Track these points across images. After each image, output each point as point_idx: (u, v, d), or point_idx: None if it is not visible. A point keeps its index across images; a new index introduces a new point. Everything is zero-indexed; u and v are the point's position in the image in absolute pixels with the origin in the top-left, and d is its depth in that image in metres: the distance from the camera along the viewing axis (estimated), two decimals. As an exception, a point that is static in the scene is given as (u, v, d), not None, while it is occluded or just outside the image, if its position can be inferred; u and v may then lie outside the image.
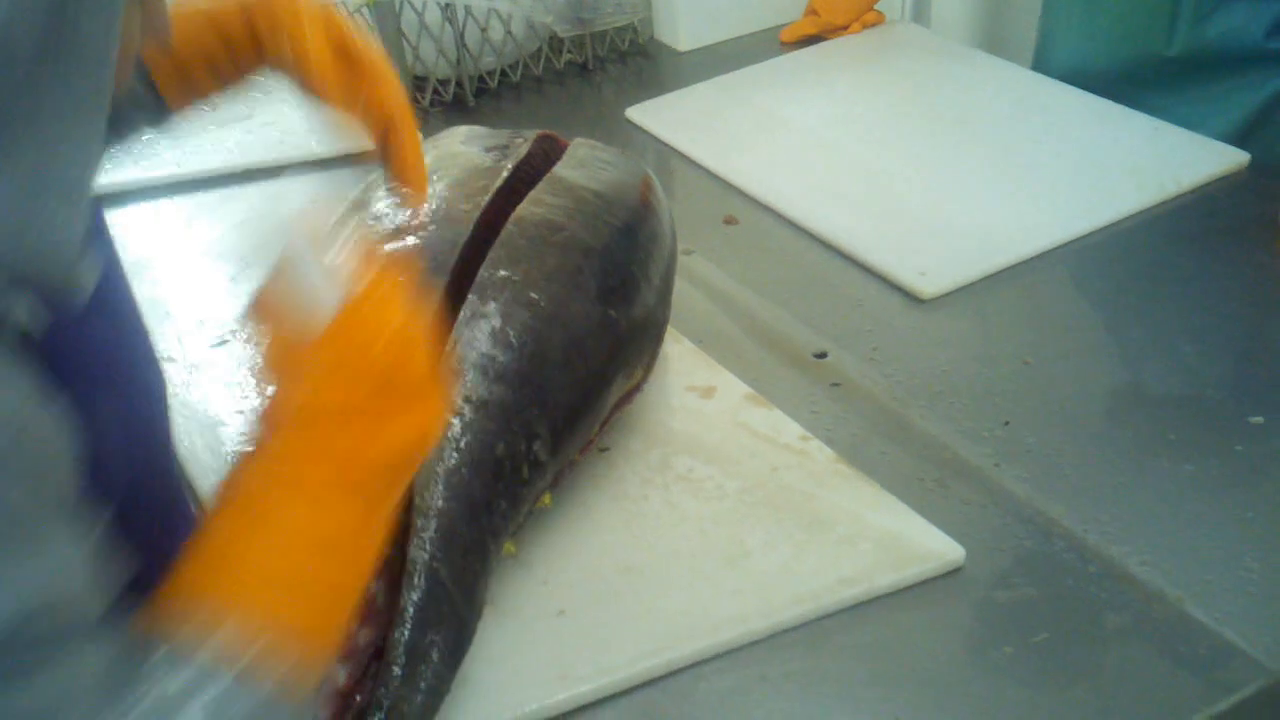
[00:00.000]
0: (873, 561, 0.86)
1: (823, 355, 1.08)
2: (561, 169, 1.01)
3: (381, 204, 0.94)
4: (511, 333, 0.86)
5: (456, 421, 0.81)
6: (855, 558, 0.86)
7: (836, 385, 1.05)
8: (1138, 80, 1.38)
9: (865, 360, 1.07)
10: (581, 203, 0.96)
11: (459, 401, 0.82)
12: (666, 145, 1.44)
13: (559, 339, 0.87)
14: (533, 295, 0.88)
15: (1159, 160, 1.27)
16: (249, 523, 0.56)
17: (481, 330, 0.85)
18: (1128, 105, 1.37)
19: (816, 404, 1.03)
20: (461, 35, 1.56)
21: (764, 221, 1.29)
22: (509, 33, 1.60)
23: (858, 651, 0.81)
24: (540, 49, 1.64)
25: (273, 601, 0.54)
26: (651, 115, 1.50)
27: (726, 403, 1.01)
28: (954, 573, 0.86)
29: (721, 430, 0.98)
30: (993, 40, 1.74)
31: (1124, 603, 0.83)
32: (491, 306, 0.86)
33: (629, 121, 1.50)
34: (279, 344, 0.60)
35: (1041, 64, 1.52)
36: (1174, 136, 1.31)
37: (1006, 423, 0.99)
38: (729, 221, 1.29)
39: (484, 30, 1.57)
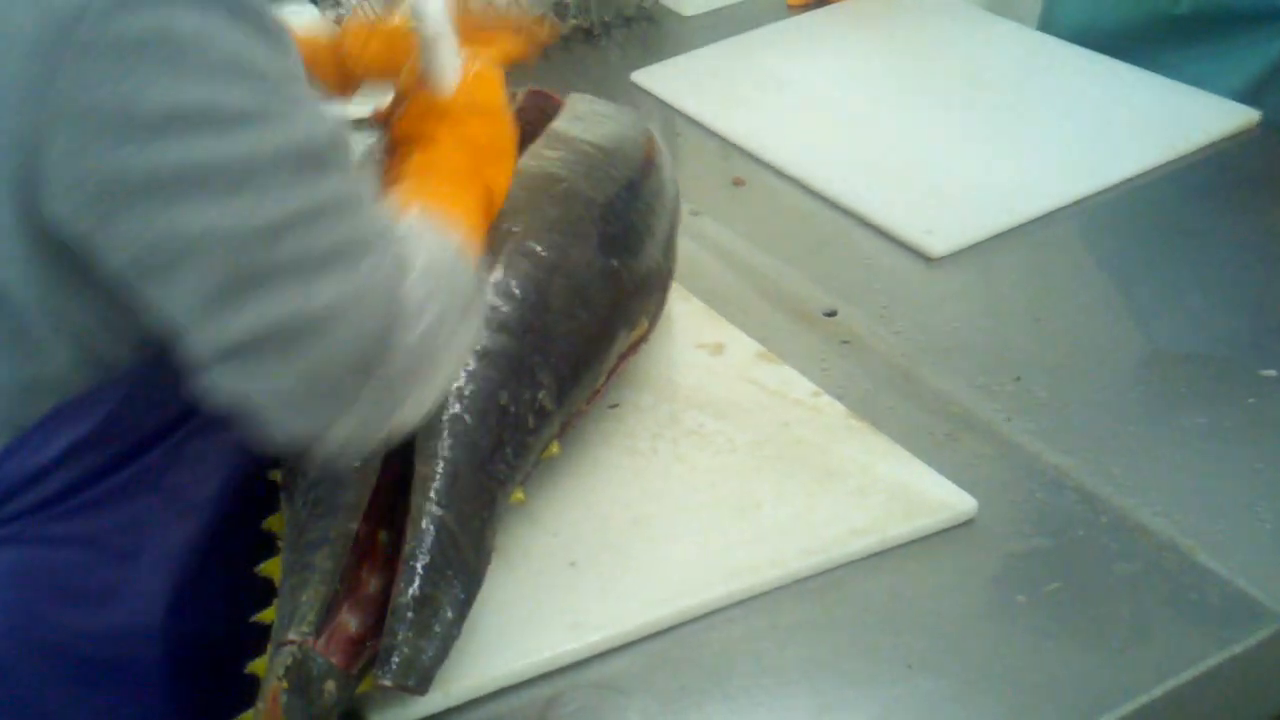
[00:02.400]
0: (884, 513, 0.86)
1: (832, 313, 1.08)
2: (559, 123, 1.01)
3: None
4: (513, 282, 0.85)
5: (460, 372, 0.81)
6: (867, 509, 0.86)
7: (846, 343, 1.05)
8: (1146, 39, 1.37)
9: (875, 318, 1.07)
10: (581, 155, 0.96)
11: None
12: (673, 108, 1.43)
13: (560, 287, 0.87)
14: (533, 245, 0.88)
15: (1168, 118, 1.27)
16: (426, 178, 0.81)
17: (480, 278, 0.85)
18: (1136, 64, 1.36)
19: (827, 361, 1.02)
20: (466, 1, 1.55)
21: (772, 182, 1.28)
22: (514, -2, 1.59)
23: (869, 601, 0.81)
24: (546, 14, 1.63)
25: (459, 210, 0.79)
26: (657, 79, 1.49)
27: (736, 359, 1.01)
28: (966, 524, 0.86)
29: (731, 386, 0.98)
30: (1000, 1, 1.72)
31: (1135, 552, 0.83)
32: (492, 258, 0.86)
33: (635, 85, 1.49)
34: (420, 102, 0.85)
35: (1048, 24, 1.51)
36: (1183, 94, 1.31)
37: (1017, 378, 0.99)
38: (737, 183, 1.29)
39: (489, -5, 1.56)
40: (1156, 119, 1.27)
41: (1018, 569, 0.83)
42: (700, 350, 1.02)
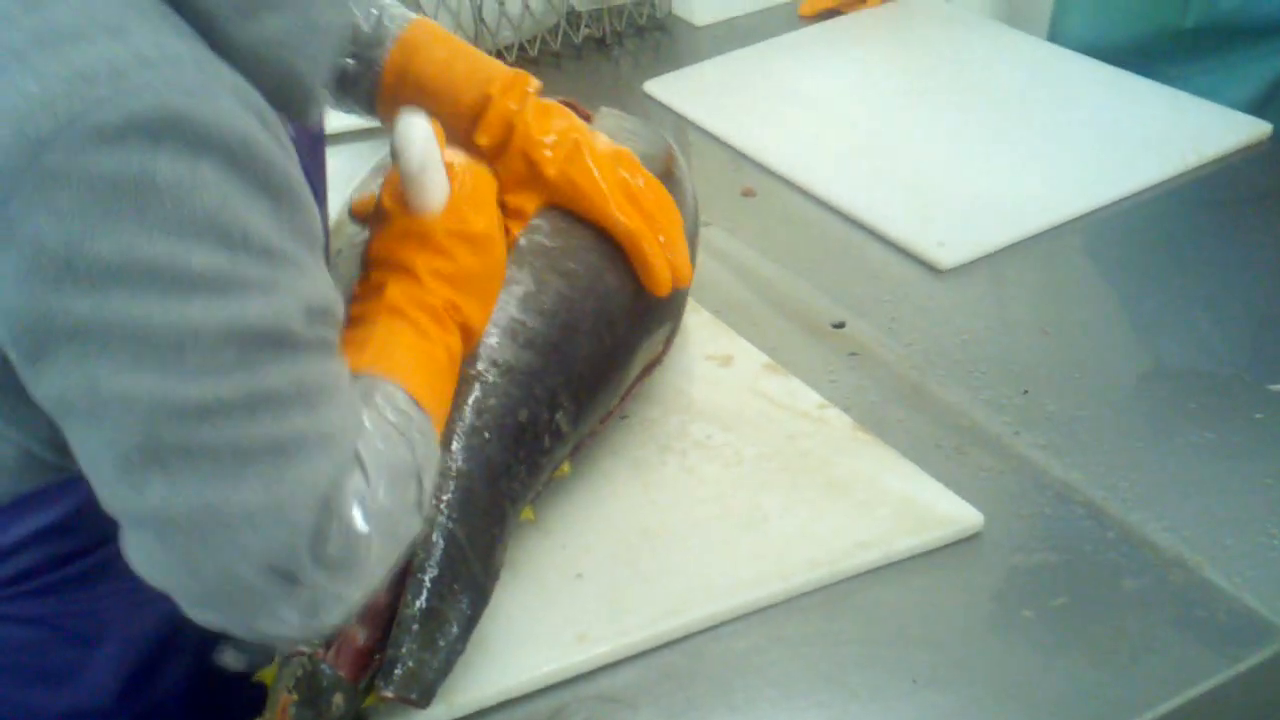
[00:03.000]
0: (891, 526, 0.86)
1: (841, 325, 1.08)
2: None
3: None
4: (546, 299, 0.85)
5: (479, 385, 0.81)
6: (873, 522, 0.86)
7: (854, 355, 1.05)
8: (1154, 52, 1.38)
9: (883, 330, 1.07)
10: None
11: (485, 364, 0.82)
12: (684, 118, 1.44)
13: (591, 310, 0.87)
14: (570, 265, 0.87)
15: (1178, 131, 1.27)
16: (391, 335, 0.75)
17: (513, 294, 0.85)
18: (1146, 76, 1.36)
19: (835, 373, 1.02)
20: (479, 10, 1.56)
21: (781, 193, 1.28)
22: (527, 7, 1.60)
23: (875, 614, 0.81)
24: (558, 24, 1.64)
25: (422, 386, 0.74)
26: (669, 89, 1.49)
27: (744, 371, 1.01)
28: (973, 538, 0.86)
29: (739, 398, 0.98)
30: (1010, 13, 1.73)
31: (1142, 568, 0.83)
32: (526, 272, 0.86)
33: (647, 95, 1.50)
34: (399, 225, 0.78)
35: (1058, 35, 1.51)
36: (1193, 107, 1.31)
37: (1025, 391, 0.99)
38: (746, 193, 1.29)
39: (502, 4, 1.57)
40: (1167, 131, 1.27)
41: (1024, 583, 0.83)
42: (709, 362, 1.02)
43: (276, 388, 0.60)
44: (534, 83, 0.91)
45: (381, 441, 0.67)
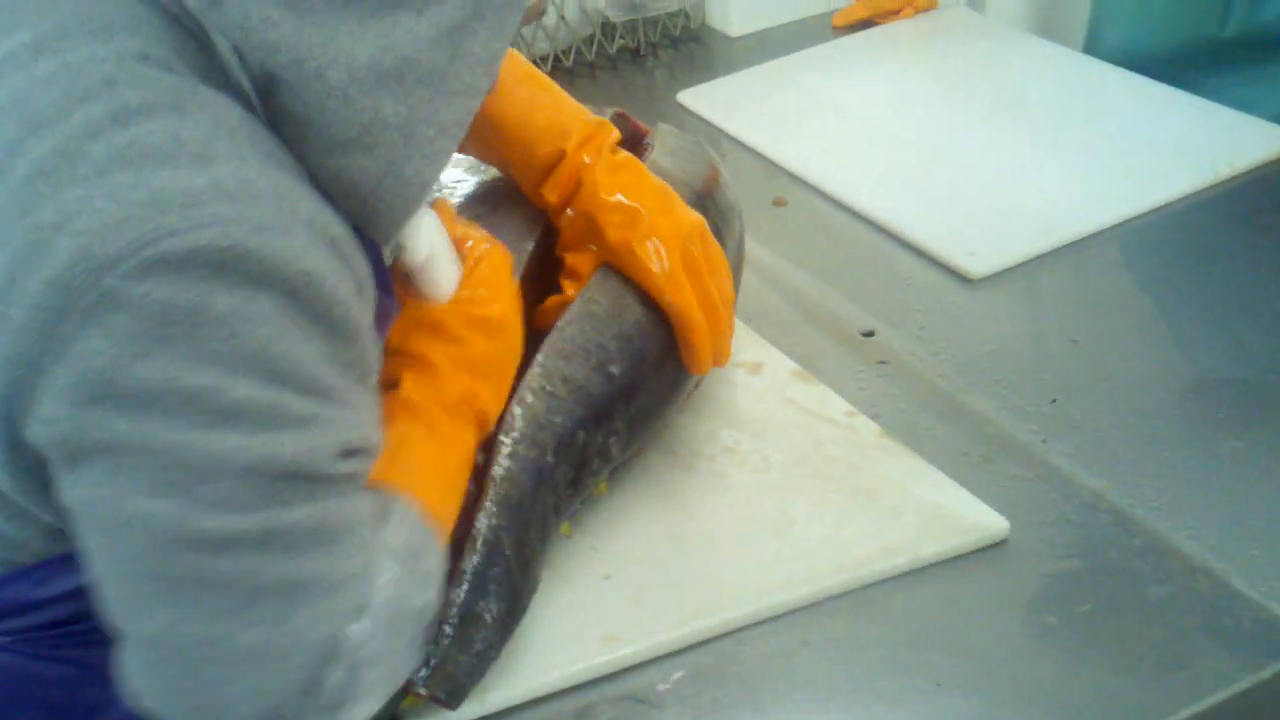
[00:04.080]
0: (917, 532, 0.86)
1: (870, 334, 1.09)
2: (660, 157, 1.00)
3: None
4: (627, 325, 0.87)
5: (547, 399, 0.82)
6: (899, 528, 0.87)
7: (884, 363, 1.05)
8: (1191, 62, 1.37)
9: (913, 339, 1.08)
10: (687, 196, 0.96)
11: (556, 380, 0.83)
12: (717, 129, 1.45)
13: (662, 340, 0.89)
14: (645, 295, 0.88)
15: (1212, 142, 1.27)
16: (408, 441, 0.74)
17: (595, 316, 0.86)
18: (1180, 87, 1.36)
19: (863, 381, 1.03)
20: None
21: (813, 203, 1.29)
22: (562, 19, 1.62)
23: (900, 619, 0.82)
24: (593, 34, 1.66)
25: (435, 499, 0.73)
26: (703, 99, 1.51)
27: (774, 379, 1.02)
28: (999, 545, 0.86)
29: (768, 405, 0.99)
30: (1045, 24, 1.73)
31: (1168, 575, 0.84)
32: (607, 300, 0.87)
33: (680, 106, 1.51)
34: (411, 313, 0.77)
35: (1093, 46, 1.51)
36: (1227, 118, 1.30)
37: (1054, 400, 0.99)
38: (778, 203, 1.30)
39: (538, 16, 1.58)
40: (1200, 142, 1.27)
41: (1050, 590, 0.84)
42: (739, 369, 1.03)
43: (296, 526, 0.60)
44: (613, 135, 0.91)
45: (392, 583, 0.67)
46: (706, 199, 0.98)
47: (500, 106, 0.88)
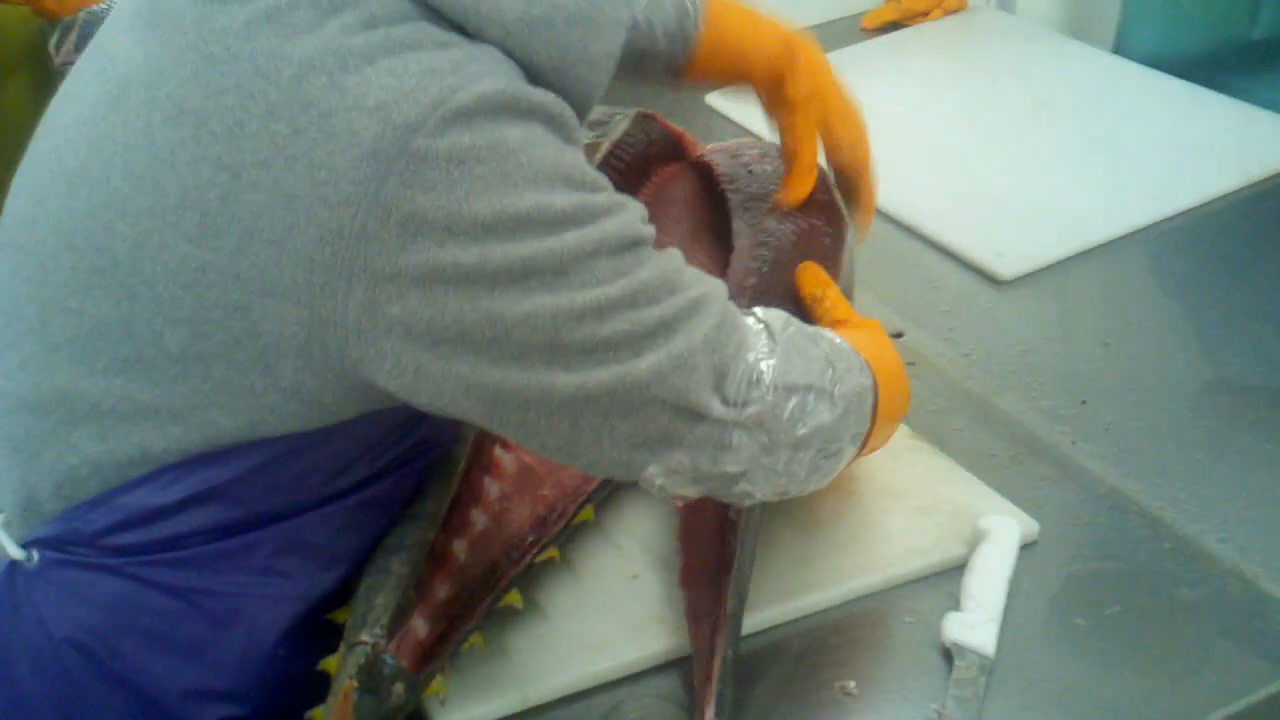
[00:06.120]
0: (944, 533, 0.86)
1: (899, 335, 1.09)
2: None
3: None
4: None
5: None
6: (927, 529, 0.87)
7: (913, 364, 1.05)
8: (1221, 64, 1.37)
9: (942, 340, 1.08)
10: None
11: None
12: (746, 130, 1.44)
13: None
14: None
15: (1242, 143, 1.26)
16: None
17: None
18: (1211, 88, 1.35)
19: (892, 381, 1.03)
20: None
21: (842, 204, 1.29)
22: (592, 20, 1.62)
23: (928, 619, 0.82)
24: (623, 36, 1.66)
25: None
26: (733, 101, 1.50)
27: (802, 379, 1.02)
28: (1028, 546, 0.86)
29: (796, 405, 0.99)
30: (1075, 25, 1.72)
31: (1198, 578, 0.83)
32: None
33: (710, 108, 1.51)
34: None
35: (1123, 48, 1.50)
36: (1259, 119, 1.30)
37: (1084, 402, 0.99)
38: (807, 204, 1.30)
39: (567, 17, 1.59)
40: (1231, 144, 1.27)
41: (1078, 592, 0.84)
42: (767, 369, 1.03)
43: (647, 280, 0.69)
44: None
45: (796, 330, 0.77)
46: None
47: (727, 37, 1.00)
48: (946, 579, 0.84)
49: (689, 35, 0.98)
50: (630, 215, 0.70)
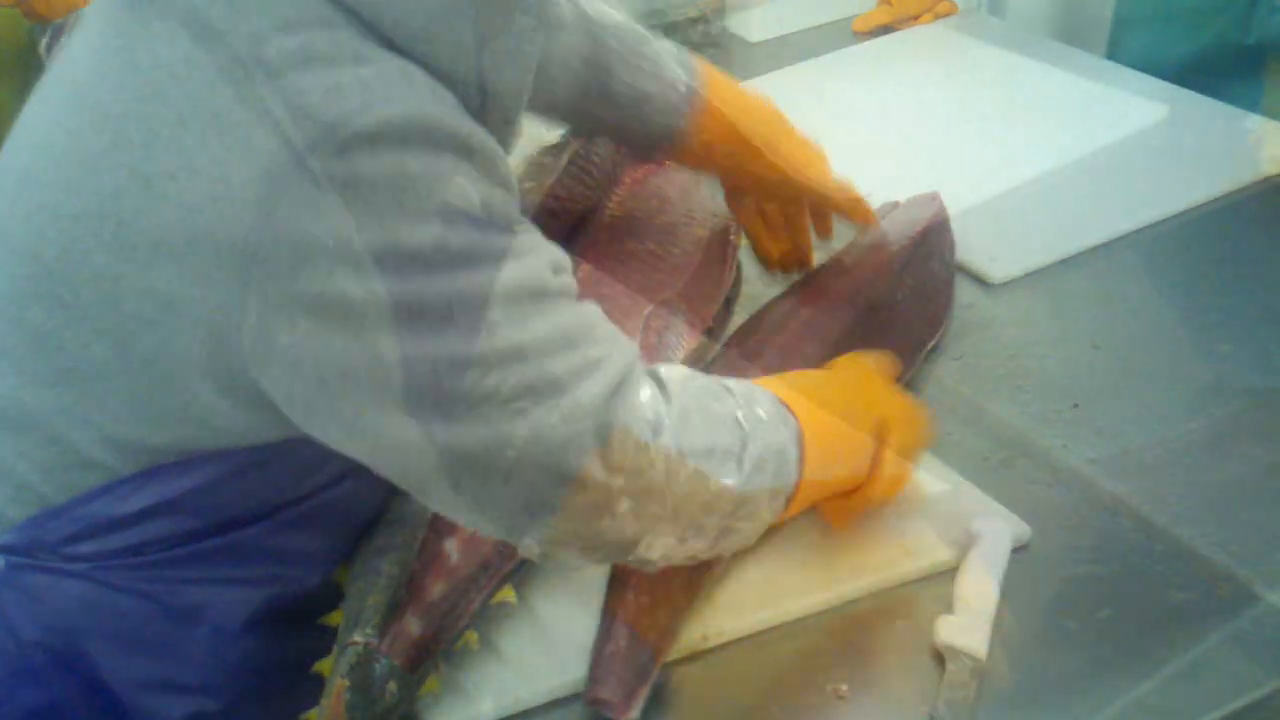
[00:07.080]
0: (936, 536, 0.86)
1: (892, 337, 1.09)
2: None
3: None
4: None
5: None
6: (919, 532, 0.87)
7: (904, 367, 1.05)
8: (1214, 69, 1.37)
9: (933, 343, 1.08)
10: None
11: None
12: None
13: None
14: None
15: (1234, 147, 1.27)
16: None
17: None
18: (1203, 93, 1.36)
19: (884, 385, 1.03)
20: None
21: (834, 207, 1.29)
22: (584, 23, 1.62)
23: (920, 623, 0.82)
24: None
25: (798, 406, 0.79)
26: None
27: (794, 381, 1.02)
28: (1020, 549, 0.86)
29: (789, 408, 0.99)
30: (1066, 29, 1.73)
31: (1190, 582, 0.83)
32: None
33: (701, 110, 1.51)
34: None
35: (1116, 52, 1.51)
36: (1249, 124, 1.30)
37: (1075, 405, 0.99)
38: (799, 207, 1.29)
39: (559, 20, 1.59)
40: (1223, 148, 1.27)
41: (1070, 595, 0.83)
42: (759, 372, 1.03)
43: (543, 334, 0.66)
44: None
45: (699, 388, 0.73)
46: None
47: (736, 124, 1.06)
48: (938, 582, 0.84)
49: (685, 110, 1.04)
50: (536, 263, 0.67)
